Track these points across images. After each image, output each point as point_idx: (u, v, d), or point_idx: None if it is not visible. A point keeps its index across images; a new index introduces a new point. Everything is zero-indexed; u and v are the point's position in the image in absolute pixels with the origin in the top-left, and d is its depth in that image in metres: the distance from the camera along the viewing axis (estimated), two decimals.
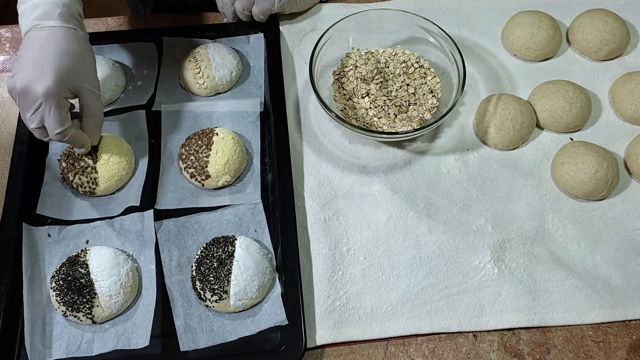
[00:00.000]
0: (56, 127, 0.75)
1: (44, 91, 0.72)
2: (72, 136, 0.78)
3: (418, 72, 0.94)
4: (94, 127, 0.81)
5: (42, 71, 0.73)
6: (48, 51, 0.74)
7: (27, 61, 0.74)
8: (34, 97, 0.73)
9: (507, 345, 0.77)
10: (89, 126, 0.80)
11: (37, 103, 0.73)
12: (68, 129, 0.76)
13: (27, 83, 0.72)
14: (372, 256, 0.82)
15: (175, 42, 0.99)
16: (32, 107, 0.74)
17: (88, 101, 0.78)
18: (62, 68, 0.74)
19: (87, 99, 0.78)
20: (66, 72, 0.74)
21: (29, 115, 0.74)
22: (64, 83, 0.74)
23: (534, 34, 0.97)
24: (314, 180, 0.87)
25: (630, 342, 0.77)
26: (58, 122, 0.75)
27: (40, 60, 0.74)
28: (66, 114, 0.76)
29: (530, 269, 0.81)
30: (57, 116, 0.74)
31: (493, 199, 0.86)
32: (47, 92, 0.72)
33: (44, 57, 0.74)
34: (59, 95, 0.74)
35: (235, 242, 0.79)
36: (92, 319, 0.75)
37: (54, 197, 0.85)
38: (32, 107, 0.74)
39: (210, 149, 0.85)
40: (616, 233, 0.84)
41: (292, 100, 0.95)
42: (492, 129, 0.90)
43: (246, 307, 0.77)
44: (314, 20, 1.03)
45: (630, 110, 0.93)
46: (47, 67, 0.73)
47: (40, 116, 0.74)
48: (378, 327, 0.77)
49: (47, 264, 0.80)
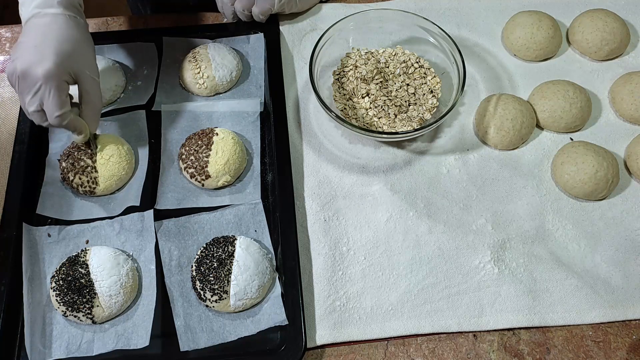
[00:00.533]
0: (55, 110, 0.75)
1: (44, 73, 0.73)
2: (71, 121, 0.78)
3: (418, 72, 0.94)
4: (93, 114, 0.81)
5: (43, 55, 0.73)
6: (49, 37, 0.75)
7: (28, 46, 0.74)
8: (34, 80, 0.73)
9: (507, 345, 0.77)
10: (87, 113, 0.81)
11: (37, 86, 0.73)
12: (67, 113, 0.77)
13: (28, 66, 0.73)
14: (372, 256, 0.82)
15: (175, 42, 0.99)
16: (32, 90, 0.74)
17: (87, 87, 0.79)
18: (62, 52, 0.74)
19: (86, 85, 0.78)
20: (67, 56, 0.75)
21: (28, 98, 0.75)
22: (64, 67, 0.74)
23: (534, 34, 0.97)
24: (314, 180, 0.87)
25: (630, 342, 0.77)
26: (57, 104, 0.75)
27: (41, 45, 0.74)
28: (65, 97, 0.76)
29: (530, 269, 0.81)
30: (56, 99, 0.74)
31: (493, 199, 0.87)
32: (47, 75, 0.73)
33: (45, 42, 0.74)
34: (59, 78, 0.74)
35: (235, 242, 0.79)
36: (92, 319, 0.75)
37: (54, 197, 0.85)
38: (31, 90, 0.74)
39: (210, 149, 0.85)
40: (616, 233, 0.84)
41: (292, 100, 0.95)
42: (492, 129, 0.90)
43: (246, 307, 0.77)
44: (314, 20, 1.03)
45: (630, 110, 0.93)
46: (47, 51, 0.74)
47: (40, 99, 0.74)
48: (378, 327, 0.77)
49: (47, 264, 0.80)
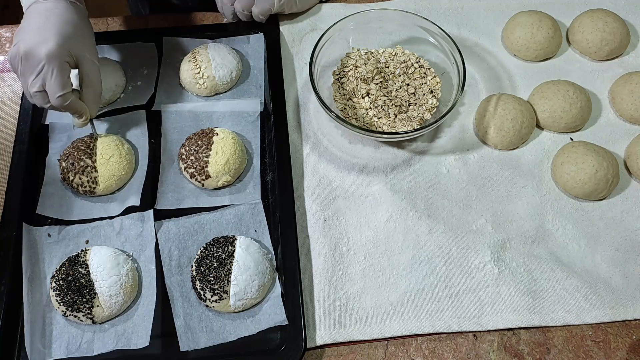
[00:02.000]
0: (57, 90, 0.76)
1: (47, 53, 0.74)
2: (72, 102, 0.79)
3: (418, 72, 0.94)
4: (93, 98, 0.83)
5: (45, 36, 0.75)
6: (51, 20, 0.77)
7: (31, 29, 0.76)
8: (37, 60, 0.75)
9: (507, 345, 0.77)
10: (88, 96, 0.82)
11: (40, 66, 0.75)
12: (68, 94, 0.78)
13: (31, 47, 0.75)
14: (372, 256, 0.82)
15: (175, 42, 0.99)
16: (35, 70, 0.75)
17: (88, 70, 0.80)
18: (64, 34, 0.76)
19: (87, 68, 0.80)
20: (68, 38, 0.77)
21: (31, 79, 0.76)
22: (66, 48, 0.76)
23: (534, 34, 0.97)
24: (314, 180, 0.87)
25: (630, 342, 0.77)
26: (60, 84, 0.76)
27: (43, 27, 0.76)
28: (67, 78, 0.78)
29: (530, 269, 0.81)
30: (59, 79, 0.76)
31: (493, 199, 0.86)
32: (50, 54, 0.75)
33: (47, 25, 0.76)
34: (61, 58, 0.76)
35: (235, 242, 0.79)
36: (92, 319, 0.75)
37: (54, 197, 0.85)
38: (34, 71, 0.76)
39: (210, 149, 0.85)
40: (616, 233, 0.84)
41: (292, 100, 0.95)
42: (492, 129, 0.90)
43: (246, 307, 0.77)
44: (314, 20, 1.03)
45: (630, 110, 0.93)
46: (50, 32, 0.76)
47: (42, 79, 0.76)
48: (378, 327, 0.77)
49: (47, 264, 0.80)
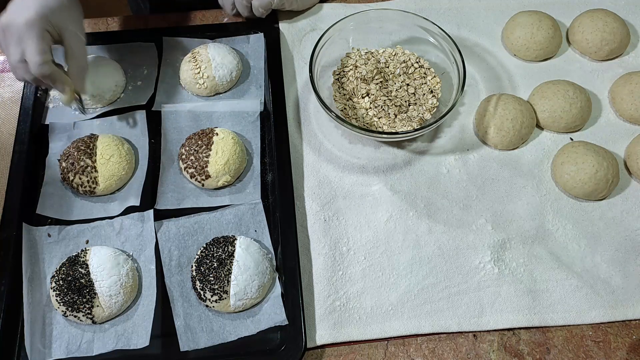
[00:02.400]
0: (36, 56, 0.75)
1: (24, 22, 0.74)
2: (54, 72, 0.78)
3: (418, 72, 0.94)
4: (78, 71, 0.82)
5: (25, 6, 0.75)
6: None
7: (14, 3, 0.76)
8: (16, 29, 0.75)
9: (507, 345, 0.77)
10: (72, 70, 0.81)
11: (18, 34, 0.75)
12: (49, 63, 0.77)
13: (11, 17, 0.75)
14: (372, 256, 0.82)
15: (175, 42, 0.99)
16: (14, 39, 0.75)
17: (71, 43, 0.79)
18: (45, 5, 0.76)
19: (70, 41, 0.79)
20: (49, 9, 0.76)
21: (12, 49, 0.76)
22: (47, 17, 0.76)
23: (534, 34, 0.97)
24: (314, 180, 0.87)
25: (630, 342, 0.77)
26: (37, 51, 0.75)
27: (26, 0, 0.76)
28: (47, 46, 0.77)
29: (530, 269, 0.81)
30: (36, 44, 0.75)
31: (493, 199, 0.86)
32: (28, 23, 0.74)
33: None
34: (40, 26, 0.75)
35: (235, 242, 0.79)
36: (92, 319, 0.75)
37: (54, 197, 0.85)
38: (13, 40, 0.75)
39: (210, 149, 0.85)
40: (616, 233, 0.84)
41: (292, 100, 0.95)
42: (492, 129, 0.90)
43: (246, 307, 0.77)
44: (314, 20, 1.03)
45: (630, 110, 0.93)
46: (30, 2, 0.75)
47: (21, 48, 0.75)
48: (378, 327, 0.77)
49: (47, 264, 0.80)
